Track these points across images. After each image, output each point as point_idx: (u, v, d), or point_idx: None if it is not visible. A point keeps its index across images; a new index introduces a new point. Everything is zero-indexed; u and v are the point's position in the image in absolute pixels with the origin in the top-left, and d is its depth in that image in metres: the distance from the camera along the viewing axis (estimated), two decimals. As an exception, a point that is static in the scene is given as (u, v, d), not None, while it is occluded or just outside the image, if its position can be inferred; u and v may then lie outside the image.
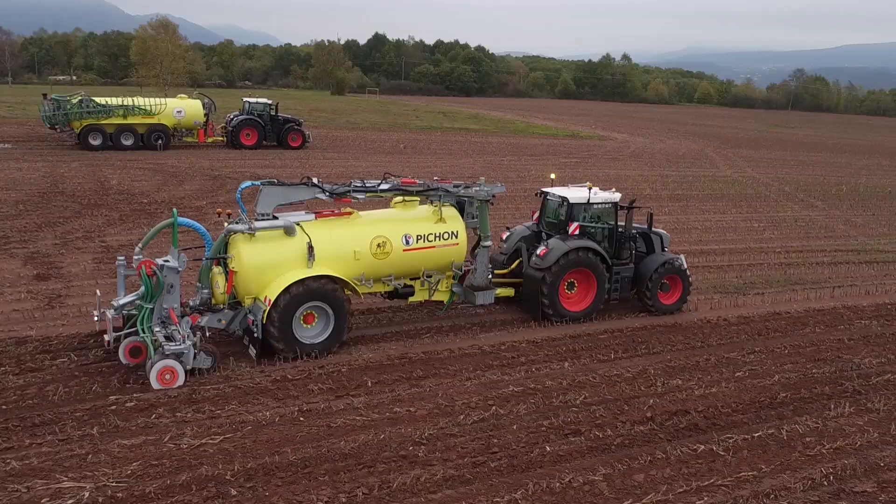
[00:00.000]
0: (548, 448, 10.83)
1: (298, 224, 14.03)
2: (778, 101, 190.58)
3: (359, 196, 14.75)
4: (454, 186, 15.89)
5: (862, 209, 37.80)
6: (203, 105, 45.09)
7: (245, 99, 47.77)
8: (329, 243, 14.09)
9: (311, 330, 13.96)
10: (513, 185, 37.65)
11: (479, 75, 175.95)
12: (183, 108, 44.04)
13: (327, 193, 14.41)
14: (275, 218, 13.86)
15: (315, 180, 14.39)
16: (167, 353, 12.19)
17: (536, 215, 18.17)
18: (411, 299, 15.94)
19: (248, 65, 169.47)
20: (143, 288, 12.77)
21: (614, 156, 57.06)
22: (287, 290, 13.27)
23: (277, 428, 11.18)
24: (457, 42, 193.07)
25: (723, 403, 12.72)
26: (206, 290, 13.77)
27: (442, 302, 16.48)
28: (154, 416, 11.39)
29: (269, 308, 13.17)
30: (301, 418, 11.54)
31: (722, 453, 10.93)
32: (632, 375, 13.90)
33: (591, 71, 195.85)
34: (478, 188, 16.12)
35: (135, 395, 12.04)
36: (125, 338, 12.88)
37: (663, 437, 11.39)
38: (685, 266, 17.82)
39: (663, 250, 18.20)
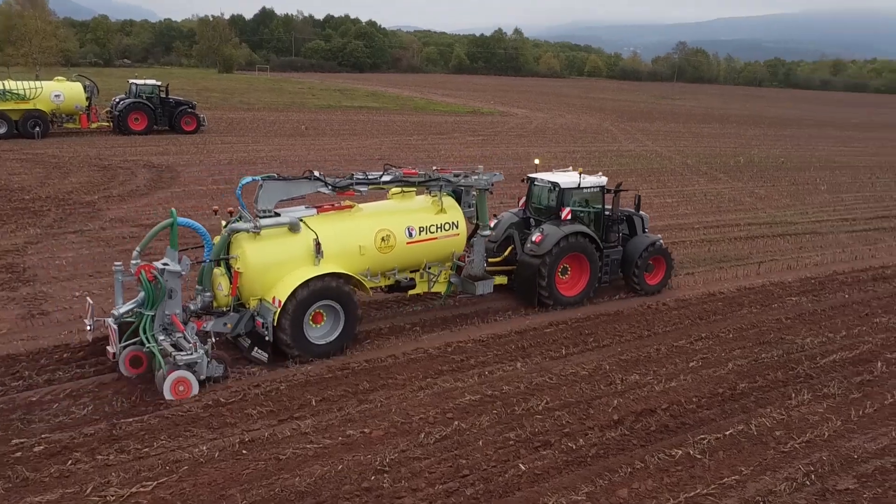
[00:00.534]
0: (522, 466, 10.01)
1: (302, 220, 13.41)
2: (663, 74, 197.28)
3: (361, 189, 14.28)
4: (454, 176, 15.59)
5: (762, 180, 39.04)
6: (84, 88, 41.51)
7: (131, 81, 44.31)
8: (334, 239, 13.58)
9: (319, 330, 13.44)
10: (424, 166, 36.68)
11: (372, 51, 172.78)
12: (61, 91, 40.38)
13: (330, 187, 13.84)
14: (277, 215, 13.17)
15: (317, 174, 13.75)
16: (180, 363, 11.45)
17: (523, 201, 17.95)
18: (411, 292, 15.66)
19: (126, 42, 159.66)
20: (142, 294, 11.97)
21: (519, 132, 56.93)
22: (297, 289, 12.68)
23: (218, 465, 9.86)
24: (347, 17, 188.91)
25: (685, 398, 12.30)
26: (207, 294, 12.93)
27: (439, 293, 16.26)
28: (70, 461, 9.82)
29: (279, 310, 12.58)
30: (244, 451, 10.24)
31: (699, 457, 10.44)
32: (588, 373, 13.30)
33: (483, 45, 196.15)
34: (477, 177, 15.92)
35: (42, 435, 10.41)
36: (125, 348, 12.10)
37: (636, 442, 10.80)
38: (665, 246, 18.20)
39: (644, 231, 18.42)
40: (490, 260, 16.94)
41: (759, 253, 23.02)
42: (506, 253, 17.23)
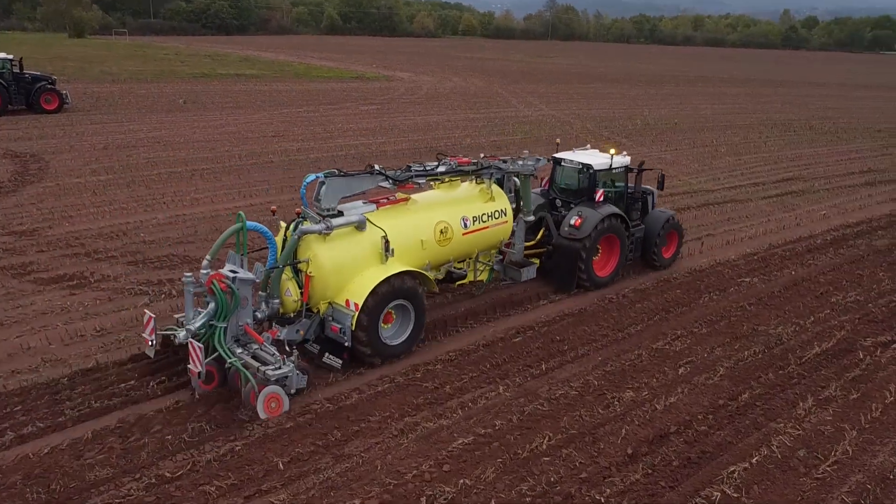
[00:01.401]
0: (551, 533, 8.58)
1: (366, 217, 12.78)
2: (536, 31, 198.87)
3: (420, 181, 13.82)
4: (503, 162, 15.34)
5: (664, 144, 39.13)
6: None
7: (-25, 54, 38.86)
8: (397, 234, 12.97)
9: (389, 331, 12.93)
10: (324, 143, 34.28)
11: (239, 11, 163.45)
12: None
13: (391, 181, 13.23)
14: (340, 213, 12.47)
15: (377, 167, 13.12)
16: (272, 378, 10.78)
17: (545, 182, 17.77)
18: (459, 282, 15.35)
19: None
20: (212, 305, 11.26)
21: (411, 99, 54.92)
22: (375, 290, 12.12)
23: (184, 577, 7.83)
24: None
25: (692, 418, 11.23)
26: (276, 300, 12.11)
27: (481, 282, 15.84)
28: None
29: (357, 313, 11.99)
30: (212, 551, 8.24)
31: (736, 495, 9.36)
32: (578, 392, 11.99)
33: (356, 5, 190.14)
34: (522, 162, 15.67)
35: None
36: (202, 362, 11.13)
37: (665, 484, 9.59)
38: None
39: (653, 207, 18.53)
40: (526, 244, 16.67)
41: (693, 227, 22.46)
42: (538, 236, 16.85)
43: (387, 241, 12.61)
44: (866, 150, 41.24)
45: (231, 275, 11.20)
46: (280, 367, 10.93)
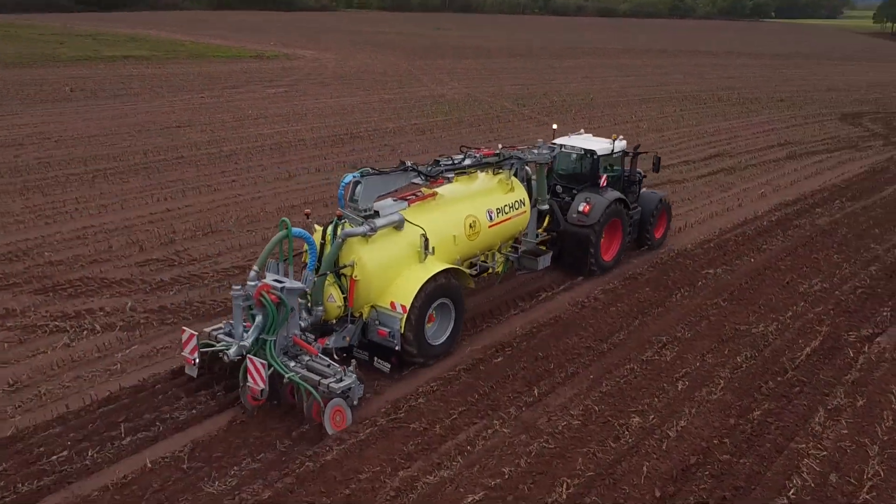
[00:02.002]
0: None
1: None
2: (432, 3, 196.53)
3: (450, 175, 13.54)
4: (521, 152, 15.17)
5: (586, 121, 38.64)
6: None
7: None
8: (433, 231, 12.61)
9: (430, 331, 12.49)
10: (235, 132, 31.89)
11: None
12: None
13: (423, 176, 12.91)
14: (376, 213, 12.02)
15: (409, 163, 12.79)
16: (337, 391, 10.30)
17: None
18: (479, 275, 14.86)
19: None
20: (259, 318, 10.64)
21: (319, 79, 52.46)
22: (421, 290, 11.79)
23: None
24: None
25: (710, 444, 10.38)
26: (319, 308, 11.54)
27: (496, 273, 15.44)
28: None
29: (405, 315, 11.65)
30: None
31: (784, 540, 8.54)
32: (580, 422, 10.93)
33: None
34: (538, 151, 15.55)
35: None
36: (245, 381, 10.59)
37: (706, 534, 8.67)
38: None
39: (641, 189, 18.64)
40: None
41: (641, 214, 21.87)
42: (545, 223, 16.56)
43: (426, 239, 12.27)
44: (776, 122, 42.18)
45: (278, 285, 10.59)
46: (342, 379, 10.41)
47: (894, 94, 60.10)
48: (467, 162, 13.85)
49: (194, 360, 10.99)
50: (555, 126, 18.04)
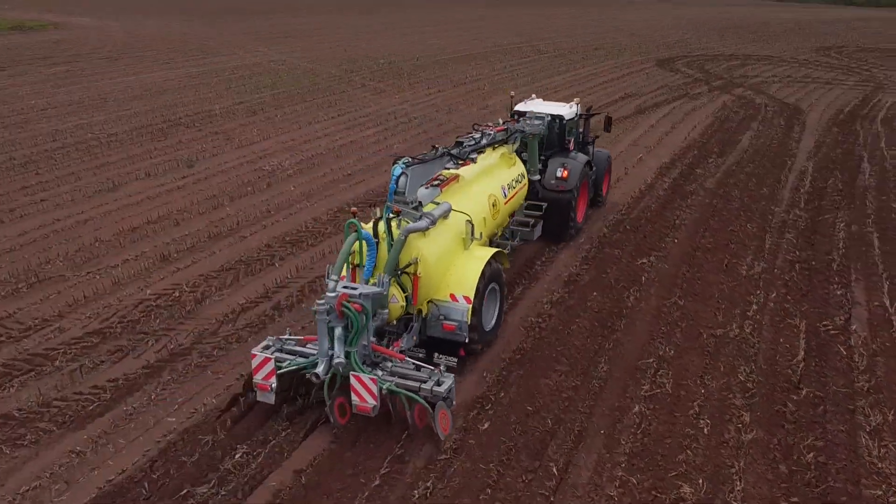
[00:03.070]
0: None
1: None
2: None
3: (474, 156, 13.69)
4: (522, 125, 15.59)
5: (425, 86, 36.33)
6: None
7: None
8: (473, 216, 12.39)
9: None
10: (22, 131, 26.00)
11: None
12: None
13: (454, 160, 13.06)
14: (421, 203, 11.36)
15: (442, 147, 12.83)
16: (443, 394, 9.76)
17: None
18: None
19: None
20: (338, 330, 9.76)
21: (106, 54, 45.41)
22: (481, 279, 11.44)
23: None
24: None
25: (782, 511, 8.70)
26: (385, 311, 10.52)
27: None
28: None
29: (470, 305, 11.18)
30: None
31: None
32: (629, 502, 8.83)
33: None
34: (529, 122, 15.83)
35: None
36: (333, 396, 9.92)
37: None
38: None
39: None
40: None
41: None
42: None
43: (472, 225, 12.14)
44: (606, 73, 42.36)
45: (357, 292, 9.88)
46: (441, 381, 9.92)
47: (688, 36, 63.46)
48: (484, 141, 14.05)
49: (271, 385, 9.99)
50: (512, 93, 18.11)
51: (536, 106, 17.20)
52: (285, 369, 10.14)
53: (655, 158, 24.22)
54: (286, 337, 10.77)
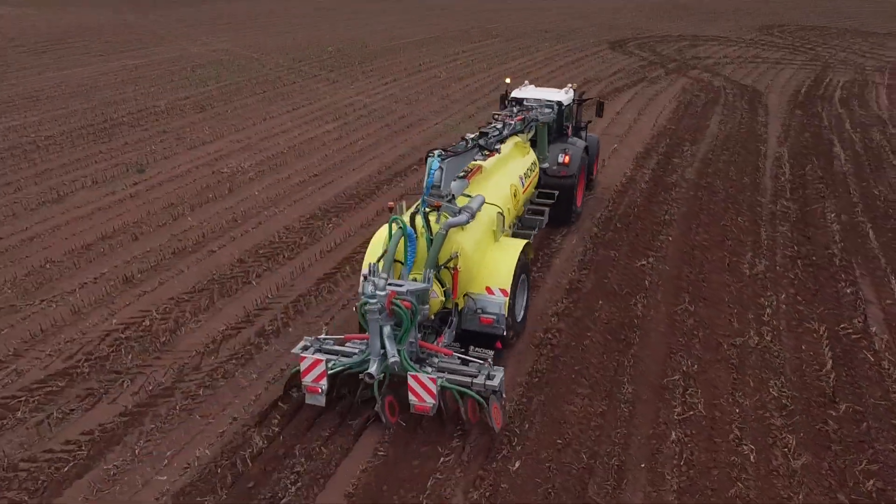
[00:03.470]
0: None
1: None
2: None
3: (498, 147, 13.48)
4: (535, 114, 15.66)
5: (379, 76, 34.99)
6: None
7: None
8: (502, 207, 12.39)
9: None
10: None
11: None
12: None
13: (482, 151, 12.85)
14: (454, 196, 11.25)
15: (470, 137, 12.58)
16: (497, 388, 9.69)
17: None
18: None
19: None
20: (387, 329, 9.68)
21: (31, 46, 42.63)
22: (516, 271, 11.34)
23: None
24: None
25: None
26: (426, 307, 10.26)
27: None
28: None
29: (508, 298, 11.10)
30: None
31: None
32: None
33: None
34: (539, 110, 15.90)
35: None
36: (382, 395, 9.85)
37: None
38: None
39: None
40: None
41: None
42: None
43: (504, 217, 12.27)
44: (560, 56, 41.64)
45: (403, 290, 9.76)
46: (493, 375, 9.78)
47: (636, 16, 63.30)
48: (506, 131, 13.98)
49: (321, 387, 9.94)
50: (508, 80, 17.79)
51: (531, 92, 17.12)
52: (332, 371, 10.03)
53: (629, 149, 23.57)
54: (324, 336, 10.57)
